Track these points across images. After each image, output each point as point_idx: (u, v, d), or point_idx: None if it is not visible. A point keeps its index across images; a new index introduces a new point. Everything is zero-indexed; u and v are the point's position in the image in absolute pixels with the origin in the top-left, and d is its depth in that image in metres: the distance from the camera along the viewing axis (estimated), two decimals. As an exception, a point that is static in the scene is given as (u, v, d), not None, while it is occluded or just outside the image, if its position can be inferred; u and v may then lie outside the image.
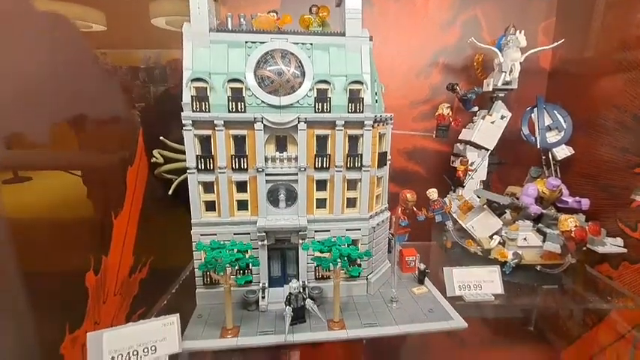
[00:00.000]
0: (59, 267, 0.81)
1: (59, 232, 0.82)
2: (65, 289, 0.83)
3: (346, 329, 0.90)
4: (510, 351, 1.48)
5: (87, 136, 0.89)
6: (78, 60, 0.86)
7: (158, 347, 0.79)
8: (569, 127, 1.33)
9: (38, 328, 0.75)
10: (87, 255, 0.88)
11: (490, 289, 1.07)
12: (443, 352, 1.53)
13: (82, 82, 0.86)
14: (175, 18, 1.20)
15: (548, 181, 1.22)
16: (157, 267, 1.17)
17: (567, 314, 1.23)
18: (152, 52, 1.20)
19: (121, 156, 1.03)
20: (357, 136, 0.98)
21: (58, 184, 0.82)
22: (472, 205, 1.28)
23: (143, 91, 1.16)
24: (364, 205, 1.02)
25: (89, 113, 0.89)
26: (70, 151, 0.86)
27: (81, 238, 0.87)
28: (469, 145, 1.41)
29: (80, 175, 0.88)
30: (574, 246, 1.02)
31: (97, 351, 0.75)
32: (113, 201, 0.98)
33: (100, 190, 0.94)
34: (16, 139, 0.69)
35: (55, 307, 0.78)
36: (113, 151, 1.00)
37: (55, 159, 0.81)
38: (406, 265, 1.20)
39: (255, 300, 0.97)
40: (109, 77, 1.01)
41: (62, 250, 0.81)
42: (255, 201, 0.98)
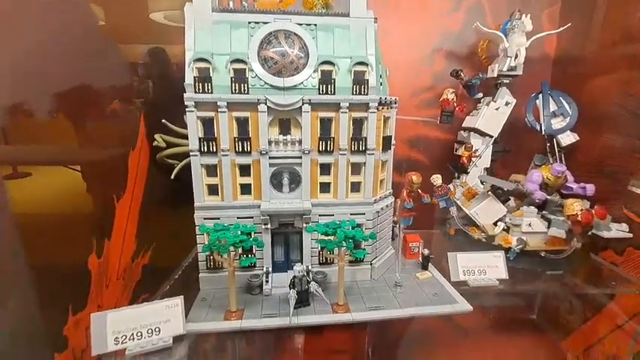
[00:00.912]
0: (62, 250, 0.80)
1: (61, 214, 0.81)
2: (68, 271, 0.82)
3: (351, 312, 0.89)
4: (514, 337, 1.48)
5: (90, 115, 0.88)
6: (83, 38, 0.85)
7: (162, 329, 0.79)
8: (575, 113, 1.32)
9: (42, 310, 0.74)
10: (89, 238, 0.87)
11: (494, 275, 1.07)
12: (444, 339, 1.53)
13: (86, 60, 0.85)
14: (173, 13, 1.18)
15: (553, 167, 1.21)
16: (159, 253, 1.16)
17: (571, 300, 1.23)
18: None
19: (123, 138, 1.02)
20: (362, 119, 0.96)
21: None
22: (476, 192, 1.27)
23: (145, 73, 1.14)
24: (368, 189, 1.01)
25: (92, 99, 0.89)
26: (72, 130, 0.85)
27: (83, 221, 0.87)
28: (473, 132, 1.39)
29: (81, 156, 0.87)
30: (580, 230, 1.01)
31: (100, 332, 0.74)
32: (115, 184, 0.97)
33: (101, 173, 0.93)
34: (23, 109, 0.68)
35: (58, 289, 0.78)
36: (114, 132, 0.99)
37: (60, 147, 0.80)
38: (410, 252, 1.19)
39: (259, 284, 0.96)
40: (112, 57, 1.00)
41: (64, 232, 0.81)
42: (258, 185, 0.97)
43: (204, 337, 0.83)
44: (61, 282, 0.79)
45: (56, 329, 0.77)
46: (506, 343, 1.46)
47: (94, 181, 0.90)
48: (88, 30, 0.89)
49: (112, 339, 0.75)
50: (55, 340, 0.77)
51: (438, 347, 1.47)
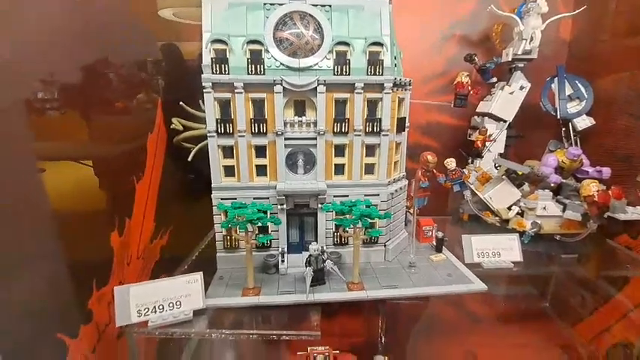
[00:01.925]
0: (87, 226, 0.83)
1: (86, 192, 0.84)
2: (92, 247, 0.85)
3: (366, 290, 0.90)
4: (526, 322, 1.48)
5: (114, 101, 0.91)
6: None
7: (183, 302, 0.81)
8: (590, 96, 1.30)
9: (70, 283, 0.77)
10: (112, 215, 0.89)
11: (509, 257, 1.07)
12: (456, 325, 1.54)
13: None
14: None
15: (569, 150, 1.20)
16: (176, 235, 1.19)
17: (585, 283, 1.22)
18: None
19: (141, 121, 1.04)
20: (376, 100, 0.97)
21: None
22: (490, 177, 1.27)
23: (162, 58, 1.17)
24: (383, 170, 1.01)
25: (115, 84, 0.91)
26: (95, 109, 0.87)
27: (106, 199, 0.89)
28: (487, 117, 1.39)
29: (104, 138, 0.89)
30: (596, 211, 1.01)
31: (124, 304, 0.77)
32: (135, 165, 0.99)
33: (122, 154, 0.95)
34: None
35: (83, 264, 0.81)
36: (134, 115, 1.01)
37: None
38: (423, 235, 1.20)
39: (275, 263, 0.98)
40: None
41: (90, 209, 0.83)
42: (274, 166, 0.98)
43: (223, 312, 0.85)
44: (86, 258, 0.82)
45: (82, 302, 0.80)
46: (518, 328, 1.47)
47: (116, 161, 0.93)
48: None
49: (135, 311, 0.77)
50: (81, 312, 0.79)
51: (448, 333, 1.49)
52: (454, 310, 1.59)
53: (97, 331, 0.84)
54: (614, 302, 1.14)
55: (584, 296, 1.26)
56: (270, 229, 0.99)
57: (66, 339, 0.74)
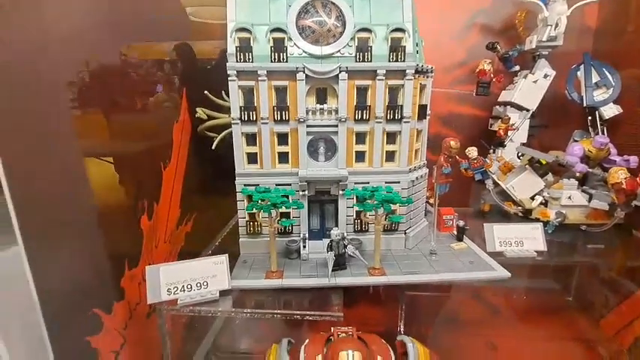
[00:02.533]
0: (121, 208, 0.86)
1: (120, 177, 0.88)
2: (124, 229, 0.89)
3: (387, 275, 0.91)
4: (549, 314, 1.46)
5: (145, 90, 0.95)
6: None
7: (210, 283, 0.84)
8: (618, 84, 1.27)
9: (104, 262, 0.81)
10: (142, 199, 0.93)
11: (532, 246, 1.05)
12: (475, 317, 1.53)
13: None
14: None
15: (595, 139, 1.17)
16: (200, 222, 1.22)
17: (611, 275, 1.19)
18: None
19: (167, 110, 1.08)
20: (398, 87, 0.97)
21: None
22: (513, 166, 1.25)
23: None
24: (404, 157, 1.02)
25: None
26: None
27: (136, 184, 0.93)
28: (509, 106, 1.37)
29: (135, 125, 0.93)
30: (624, 199, 0.98)
31: (154, 283, 0.80)
32: (162, 152, 1.03)
33: (150, 141, 0.99)
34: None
35: (118, 244, 0.84)
36: (161, 104, 1.05)
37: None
38: (443, 225, 1.19)
39: (297, 249, 1.00)
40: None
41: (123, 193, 0.87)
42: (295, 153, 1.00)
43: (247, 294, 0.87)
44: (119, 240, 0.86)
45: (115, 281, 0.84)
46: (541, 319, 1.45)
47: (145, 147, 0.97)
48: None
49: (165, 290, 0.80)
50: (115, 290, 0.83)
51: (469, 323, 1.48)
52: (475, 300, 1.58)
53: (128, 309, 0.88)
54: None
55: (610, 288, 1.24)
56: (292, 215, 1.01)
57: (101, 314, 0.78)
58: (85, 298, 0.74)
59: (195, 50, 1.26)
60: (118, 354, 0.83)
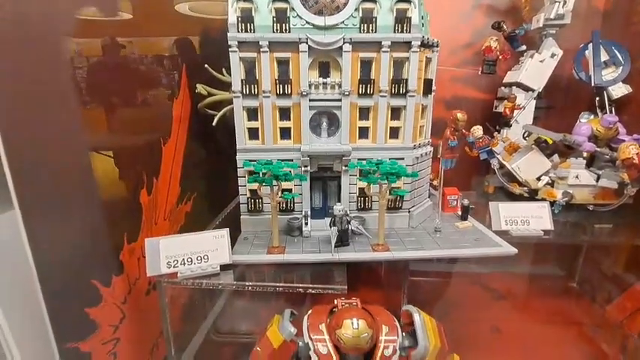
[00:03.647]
0: (121, 180, 0.84)
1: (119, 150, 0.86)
2: (124, 203, 0.87)
3: (391, 251, 0.89)
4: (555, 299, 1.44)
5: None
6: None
7: (210, 257, 0.82)
8: (628, 63, 1.24)
9: (104, 235, 0.79)
10: (141, 173, 0.91)
11: (538, 225, 1.03)
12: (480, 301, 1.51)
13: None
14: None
15: (604, 117, 1.15)
16: (200, 202, 1.21)
17: (620, 253, 1.17)
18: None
19: (166, 86, 1.05)
20: (403, 61, 0.95)
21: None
22: (518, 146, 1.23)
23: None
24: (408, 133, 0.99)
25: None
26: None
27: (136, 157, 0.91)
28: (515, 87, 1.34)
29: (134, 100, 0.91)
30: (635, 174, 0.96)
31: (154, 255, 0.78)
32: (161, 128, 1.01)
33: (150, 115, 0.97)
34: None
35: (116, 216, 0.83)
36: (159, 79, 1.03)
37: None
38: (448, 205, 1.17)
39: (299, 226, 0.98)
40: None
41: (123, 165, 0.85)
42: (298, 128, 0.98)
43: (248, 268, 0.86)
44: (118, 212, 0.84)
45: (114, 254, 0.82)
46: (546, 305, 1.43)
47: (144, 121, 0.95)
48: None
49: (164, 263, 0.79)
50: (113, 263, 0.81)
51: (471, 309, 1.46)
52: (477, 285, 1.57)
53: (127, 284, 0.86)
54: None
55: (618, 269, 1.22)
56: (295, 190, 0.99)
57: (100, 286, 0.76)
58: (83, 268, 0.72)
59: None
60: (117, 328, 0.82)
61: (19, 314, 0.63)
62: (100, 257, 0.78)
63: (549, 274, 1.65)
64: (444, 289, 1.57)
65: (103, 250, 0.79)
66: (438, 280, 1.59)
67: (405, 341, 0.64)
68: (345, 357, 0.60)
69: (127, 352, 0.85)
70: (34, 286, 0.63)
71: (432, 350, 0.61)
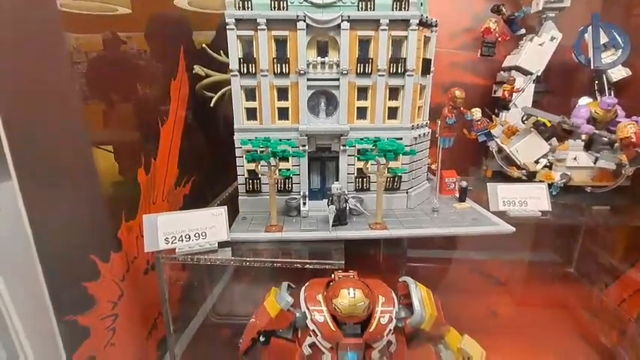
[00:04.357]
0: (117, 158, 0.84)
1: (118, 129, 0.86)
2: (121, 181, 0.87)
3: (388, 230, 0.89)
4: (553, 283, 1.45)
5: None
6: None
7: (208, 234, 0.82)
8: (627, 45, 1.23)
9: (101, 210, 0.80)
10: (138, 153, 0.91)
11: (536, 206, 1.03)
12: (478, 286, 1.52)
13: None
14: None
15: (603, 100, 1.14)
16: (198, 186, 1.21)
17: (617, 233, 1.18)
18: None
19: (164, 68, 1.05)
20: (402, 39, 0.94)
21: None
22: (517, 129, 1.23)
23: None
24: (406, 113, 0.99)
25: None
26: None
27: (133, 136, 0.91)
28: (514, 70, 1.34)
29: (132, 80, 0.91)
30: (633, 153, 0.96)
31: (152, 231, 0.78)
32: (159, 108, 1.00)
33: (147, 95, 0.96)
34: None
35: (114, 195, 0.83)
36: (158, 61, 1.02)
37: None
38: (445, 187, 1.17)
39: (297, 205, 0.98)
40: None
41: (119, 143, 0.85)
42: (295, 109, 0.98)
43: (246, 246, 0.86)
44: (116, 190, 0.84)
45: (112, 231, 0.82)
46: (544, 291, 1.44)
47: (142, 102, 0.94)
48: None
49: (162, 239, 0.79)
50: (112, 240, 0.82)
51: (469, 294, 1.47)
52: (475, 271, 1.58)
53: (126, 261, 0.86)
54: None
55: (615, 250, 1.22)
56: (293, 170, 0.99)
57: (98, 261, 0.76)
58: (81, 242, 0.73)
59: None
60: (115, 305, 0.82)
61: (19, 285, 0.63)
62: (98, 233, 0.78)
63: (547, 260, 1.66)
64: (441, 274, 1.58)
65: (101, 225, 0.79)
66: (436, 267, 1.60)
67: (402, 312, 0.64)
68: (341, 326, 0.60)
69: (125, 329, 0.86)
70: (32, 258, 0.63)
71: (427, 319, 0.61)
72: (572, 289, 1.49)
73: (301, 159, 0.99)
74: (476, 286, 1.53)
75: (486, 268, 1.60)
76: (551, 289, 1.47)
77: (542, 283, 1.50)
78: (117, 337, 0.83)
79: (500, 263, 1.60)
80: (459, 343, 0.67)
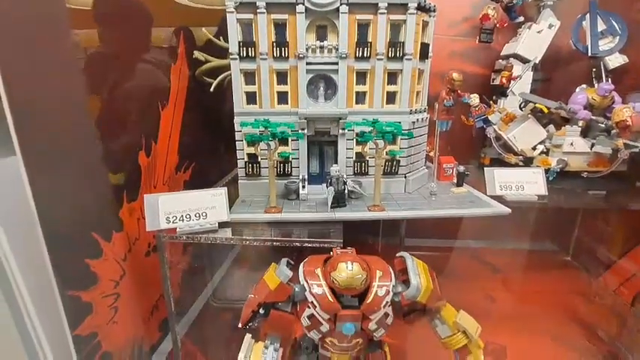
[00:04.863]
0: (119, 141, 0.85)
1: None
2: (123, 162, 0.88)
3: (386, 211, 0.91)
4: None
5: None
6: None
7: (208, 214, 0.83)
8: (625, 33, 1.24)
9: (104, 189, 0.81)
10: (139, 136, 0.92)
11: (533, 190, 1.04)
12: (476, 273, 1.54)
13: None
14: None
15: (600, 86, 1.15)
16: (199, 172, 1.22)
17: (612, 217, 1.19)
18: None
19: (164, 52, 1.05)
20: (400, 24, 0.95)
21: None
22: (514, 116, 1.24)
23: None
24: (405, 98, 1.00)
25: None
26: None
27: (134, 121, 0.92)
28: (513, 58, 1.34)
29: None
30: (629, 135, 0.97)
31: (153, 211, 0.79)
32: (159, 92, 1.01)
33: (148, 78, 0.97)
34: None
35: (116, 175, 0.84)
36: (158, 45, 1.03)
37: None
38: (443, 173, 1.19)
39: (296, 189, 0.99)
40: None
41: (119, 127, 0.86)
42: (295, 93, 0.99)
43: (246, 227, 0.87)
44: (118, 172, 0.85)
45: (114, 211, 0.83)
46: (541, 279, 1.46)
47: (142, 86, 0.95)
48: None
49: (163, 218, 0.80)
50: (113, 219, 0.83)
51: (467, 281, 1.49)
52: (474, 258, 1.60)
53: (127, 242, 0.88)
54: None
55: (611, 236, 1.24)
56: (292, 156, 1.00)
57: (100, 240, 0.77)
58: (84, 219, 0.74)
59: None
60: (117, 284, 0.83)
61: (26, 261, 0.64)
62: (100, 211, 0.79)
63: (544, 249, 1.68)
64: (439, 262, 1.59)
65: (103, 204, 0.80)
66: (434, 255, 1.61)
67: (399, 287, 0.65)
68: (339, 298, 0.61)
69: (127, 308, 0.87)
70: (36, 233, 0.64)
71: (423, 290, 0.62)
72: (569, 276, 1.50)
73: (300, 142, 1.00)
74: (474, 272, 1.54)
75: (484, 255, 1.61)
76: (548, 276, 1.49)
77: (539, 271, 1.52)
78: (119, 316, 0.84)
79: (497, 251, 1.62)
80: (454, 317, 0.69)
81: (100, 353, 0.78)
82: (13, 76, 0.57)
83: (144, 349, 0.96)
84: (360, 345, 0.66)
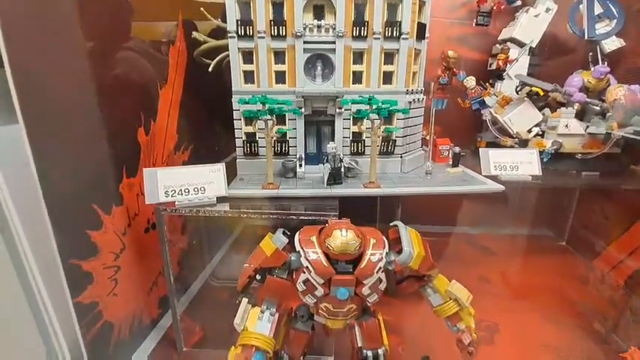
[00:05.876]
0: (118, 115, 0.86)
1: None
2: (122, 139, 0.89)
3: (382, 188, 0.92)
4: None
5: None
6: None
7: (207, 189, 0.85)
8: (622, 16, 1.24)
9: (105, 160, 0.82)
10: (138, 112, 0.93)
11: (527, 171, 1.06)
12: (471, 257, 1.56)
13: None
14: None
15: (595, 68, 1.16)
16: (197, 153, 1.23)
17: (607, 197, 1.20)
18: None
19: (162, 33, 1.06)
20: (397, 3, 0.96)
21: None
22: (511, 99, 1.25)
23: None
24: (401, 77, 1.01)
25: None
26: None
27: (133, 96, 0.93)
28: (510, 42, 1.35)
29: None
30: (622, 115, 0.98)
31: (152, 184, 0.81)
32: (157, 71, 1.02)
33: (147, 56, 0.98)
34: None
35: (116, 149, 0.85)
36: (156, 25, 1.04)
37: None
38: (439, 155, 1.20)
39: (293, 167, 1.01)
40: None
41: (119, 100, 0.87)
42: (292, 72, 1.00)
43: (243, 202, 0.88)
44: (118, 146, 0.86)
45: (114, 185, 0.85)
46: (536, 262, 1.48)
47: (142, 63, 0.96)
48: None
49: (162, 192, 0.81)
50: (113, 193, 0.84)
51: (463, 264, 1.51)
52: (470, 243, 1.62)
53: (127, 217, 0.89)
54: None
55: (604, 218, 1.25)
56: (289, 135, 1.01)
57: (100, 212, 0.79)
58: (85, 190, 0.75)
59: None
60: (117, 256, 0.85)
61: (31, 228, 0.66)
62: (101, 184, 0.80)
63: (539, 234, 1.70)
64: (436, 247, 1.61)
65: (103, 177, 0.82)
66: (431, 240, 1.63)
67: (392, 255, 0.67)
68: (334, 264, 0.63)
69: (127, 281, 0.89)
70: (39, 200, 0.65)
71: (415, 257, 0.64)
72: (563, 259, 1.52)
73: (297, 121, 1.01)
74: (469, 256, 1.56)
75: (480, 240, 1.63)
76: (542, 260, 1.51)
77: (534, 254, 1.54)
78: (119, 289, 0.86)
79: (492, 236, 1.64)
80: (446, 286, 0.71)
81: (101, 322, 0.80)
82: (16, 48, 0.58)
83: (144, 322, 0.98)
84: (353, 311, 0.68)
